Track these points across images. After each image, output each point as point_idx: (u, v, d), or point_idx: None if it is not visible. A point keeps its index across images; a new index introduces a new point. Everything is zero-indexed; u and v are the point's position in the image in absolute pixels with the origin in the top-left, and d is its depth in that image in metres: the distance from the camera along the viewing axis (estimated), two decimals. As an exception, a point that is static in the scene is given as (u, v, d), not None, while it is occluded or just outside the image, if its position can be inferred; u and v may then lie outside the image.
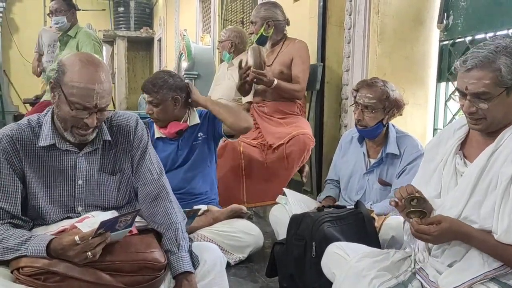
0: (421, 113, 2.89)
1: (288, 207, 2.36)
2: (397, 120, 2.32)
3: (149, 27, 9.88)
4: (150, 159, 1.61)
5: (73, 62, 1.43)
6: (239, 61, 3.06)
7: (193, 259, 1.50)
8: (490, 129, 1.37)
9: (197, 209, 2.37)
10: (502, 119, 1.35)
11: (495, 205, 1.30)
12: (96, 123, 1.45)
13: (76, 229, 1.37)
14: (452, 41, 2.63)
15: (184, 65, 5.27)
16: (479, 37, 2.44)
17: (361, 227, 1.91)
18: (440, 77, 2.77)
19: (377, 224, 1.99)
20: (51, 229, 1.44)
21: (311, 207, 2.30)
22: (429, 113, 2.89)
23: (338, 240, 1.79)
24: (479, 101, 1.33)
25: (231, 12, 5.69)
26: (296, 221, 1.98)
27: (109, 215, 1.44)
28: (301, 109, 3.15)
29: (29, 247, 1.33)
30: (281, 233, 2.26)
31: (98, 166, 1.54)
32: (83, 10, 4.34)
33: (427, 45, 2.88)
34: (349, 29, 3.04)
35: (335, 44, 3.24)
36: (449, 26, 2.64)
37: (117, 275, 1.33)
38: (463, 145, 1.48)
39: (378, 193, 2.23)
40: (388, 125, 2.26)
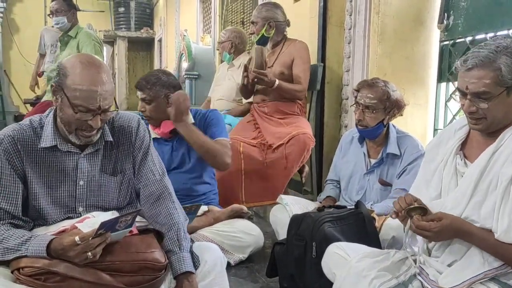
0: (422, 114, 2.89)
1: (288, 207, 2.36)
2: (398, 120, 2.33)
3: (149, 27, 9.89)
4: (152, 159, 1.61)
5: (74, 64, 1.42)
6: (247, 61, 3.04)
7: (194, 260, 1.50)
8: (490, 129, 1.37)
9: (198, 204, 2.35)
10: (502, 119, 1.35)
11: (495, 205, 1.30)
12: (100, 124, 1.45)
13: (76, 229, 1.37)
14: (452, 41, 2.63)
15: (184, 65, 5.27)
16: (480, 37, 2.44)
17: (361, 227, 1.91)
18: (440, 78, 2.77)
19: (377, 224, 1.99)
20: (51, 229, 1.44)
21: (310, 208, 2.30)
22: (429, 114, 2.89)
23: (338, 240, 1.79)
24: (480, 101, 1.33)
25: (232, 12, 5.69)
26: (296, 221, 1.99)
27: (109, 215, 1.44)
28: (302, 109, 3.15)
29: (29, 247, 1.33)
30: (282, 233, 2.26)
31: (99, 166, 1.54)
32: (82, 10, 4.34)
33: (427, 45, 2.88)
34: (350, 29, 3.04)
35: (336, 44, 3.24)
36: (449, 26, 2.64)
37: (117, 275, 1.33)
38: (464, 145, 1.48)
39: (378, 193, 2.23)
40: (388, 125, 2.26)
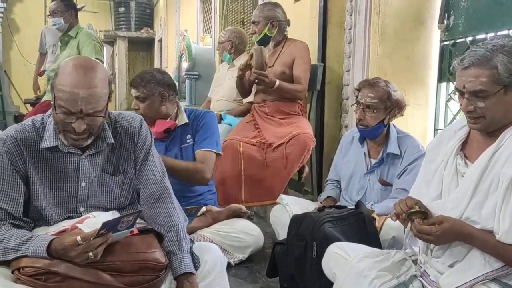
0: (422, 114, 2.89)
1: (288, 208, 2.36)
2: (398, 120, 2.32)
3: (149, 27, 9.90)
4: (153, 160, 1.61)
5: (66, 65, 1.42)
6: (247, 58, 3.04)
7: (194, 260, 1.50)
8: (489, 128, 1.37)
9: (199, 206, 2.35)
10: (501, 118, 1.35)
11: (496, 206, 1.30)
12: (85, 128, 1.42)
13: (77, 229, 1.37)
14: (452, 41, 2.63)
15: (184, 65, 5.27)
16: (480, 37, 2.44)
17: (362, 228, 1.91)
18: (440, 78, 2.77)
19: (378, 224, 1.99)
20: (52, 229, 1.44)
21: (310, 209, 2.30)
22: (429, 114, 2.89)
23: (338, 240, 1.79)
24: (477, 100, 1.33)
25: (232, 12, 5.69)
26: (296, 221, 1.98)
27: (110, 215, 1.45)
28: (302, 109, 3.15)
29: (30, 247, 1.33)
30: (282, 233, 2.26)
31: (101, 167, 1.54)
32: (80, 10, 4.34)
33: (427, 46, 2.88)
34: (350, 29, 3.04)
35: (336, 44, 3.24)
36: (449, 26, 2.64)
37: (118, 275, 1.33)
38: (464, 145, 1.48)
39: (379, 193, 2.23)
40: (389, 125, 2.26)
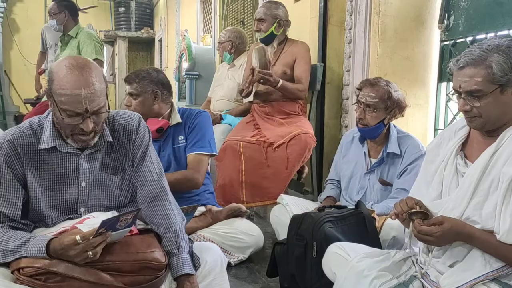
0: (422, 114, 2.89)
1: (288, 208, 2.36)
2: (398, 120, 2.32)
3: (149, 27, 9.89)
4: (150, 159, 1.60)
5: (59, 68, 1.41)
6: (250, 62, 3.05)
7: (194, 260, 1.49)
8: (486, 127, 1.38)
9: (195, 206, 2.33)
10: (498, 117, 1.35)
11: (497, 205, 1.30)
12: (92, 127, 1.43)
13: (76, 229, 1.37)
14: (453, 41, 2.63)
15: (185, 65, 5.26)
16: (480, 37, 2.43)
17: (362, 227, 1.91)
18: (441, 78, 2.77)
19: (378, 224, 1.99)
20: (51, 230, 1.44)
21: (310, 209, 2.29)
22: (430, 114, 2.89)
23: (339, 240, 1.79)
24: (473, 99, 1.34)
25: (232, 12, 5.69)
26: (296, 221, 1.98)
27: (109, 215, 1.44)
28: (302, 109, 3.15)
29: (29, 248, 1.33)
30: (282, 233, 2.26)
31: (100, 166, 1.54)
32: (81, 10, 4.35)
33: (428, 46, 2.88)
34: (350, 29, 3.04)
35: (336, 44, 3.25)
36: (450, 26, 2.64)
37: (118, 275, 1.33)
38: (464, 145, 1.48)
39: (379, 193, 2.23)
40: (389, 125, 2.26)
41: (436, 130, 2.82)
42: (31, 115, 3.98)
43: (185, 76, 5.08)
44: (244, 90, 3.10)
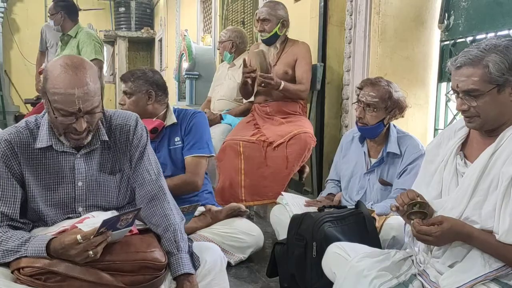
0: (422, 114, 2.89)
1: (288, 207, 2.36)
2: (398, 120, 2.32)
3: (150, 27, 9.89)
4: (148, 159, 1.59)
5: (54, 67, 1.40)
6: (243, 59, 3.05)
7: (193, 260, 1.49)
8: (485, 127, 1.38)
9: (195, 204, 2.33)
10: (496, 117, 1.35)
11: (496, 205, 1.30)
12: (86, 126, 1.43)
13: (76, 228, 1.37)
14: (453, 41, 2.63)
15: (185, 65, 5.27)
16: (480, 37, 2.43)
17: (361, 227, 1.91)
18: (441, 78, 2.77)
19: (377, 224, 1.99)
20: (51, 230, 1.44)
21: (310, 208, 2.29)
22: (430, 114, 2.89)
23: (338, 240, 1.79)
24: (470, 99, 1.34)
25: (232, 12, 5.69)
26: (296, 221, 1.98)
27: (109, 215, 1.44)
28: (303, 109, 3.16)
29: (29, 248, 1.33)
30: (282, 233, 2.26)
31: (97, 166, 1.54)
32: (84, 10, 4.35)
33: (428, 46, 2.88)
34: (350, 29, 3.04)
35: (336, 44, 3.25)
36: (450, 26, 2.64)
37: (118, 275, 1.33)
38: (464, 145, 1.48)
39: (378, 193, 2.23)
40: (389, 125, 2.26)
41: (436, 130, 2.82)
42: (31, 115, 3.97)
43: (185, 76, 5.09)
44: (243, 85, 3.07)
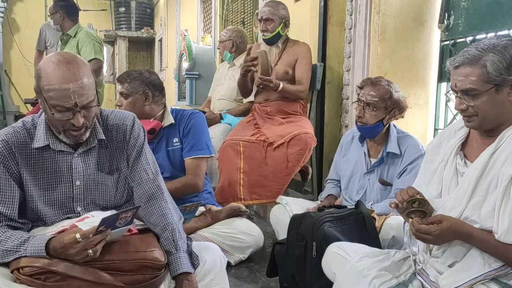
0: (422, 113, 2.89)
1: (288, 207, 2.36)
2: (398, 120, 2.32)
3: (150, 27, 9.89)
4: (146, 158, 1.59)
5: (46, 64, 1.40)
6: (248, 47, 3.04)
7: (192, 259, 1.49)
8: (483, 127, 1.38)
9: (197, 203, 2.33)
10: (494, 117, 1.35)
11: (496, 205, 1.30)
12: (83, 121, 1.43)
13: (76, 228, 1.37)
14: (453, 41, 2.63)
15: (185, 65, 5.26)
16: (480, 37, 2.44)
17: (361, 227, 1.91)
18: (441, 77, 2.77)
19: (377, 224, 1.99)
20: (50, 230, 1.44)
21: (311, 209, 2.29)
22: (430, 113, 2.89)
23: (338, 240, 1.79)
24: (468, 98, 1.35)
25: (232, 12, 5.69)
26: (296, 221, 1.98)
27: (109, 214, 1.44)
28: (303, 109, 3.16)
29: (28, 247, 1.33)
30: (282, 233, 2.26)
31: (95, 165, 1.53)
32: (84, 10, 4.35)
33: (428, 45, 2.88)
34: (350, 29, 3.04)
35: (336, 44, 3.25)
36: (450, 26, 2.64)
37: (117, 274, 1.33)
38: (464, 145, 1.48)
39: (378, 193, 2.23)
40: (389, 125, 2.26)
41: (436, 130, 2.82)
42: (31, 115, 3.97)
43: (185, 76, 5.08)
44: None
